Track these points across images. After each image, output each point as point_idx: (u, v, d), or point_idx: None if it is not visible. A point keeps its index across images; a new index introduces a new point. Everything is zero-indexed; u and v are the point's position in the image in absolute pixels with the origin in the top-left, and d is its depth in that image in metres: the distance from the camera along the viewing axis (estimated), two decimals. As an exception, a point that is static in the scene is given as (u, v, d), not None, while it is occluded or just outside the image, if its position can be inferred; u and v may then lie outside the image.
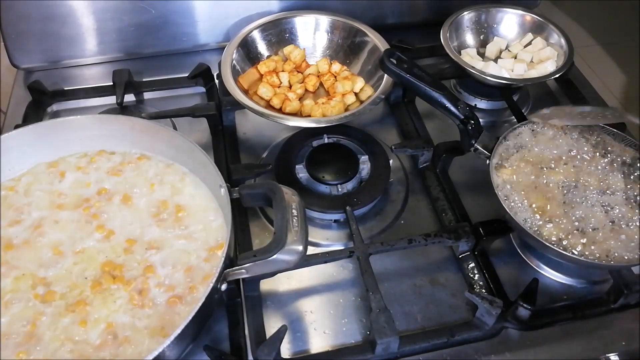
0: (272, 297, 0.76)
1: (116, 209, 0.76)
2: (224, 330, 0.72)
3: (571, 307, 0.76)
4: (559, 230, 0.73)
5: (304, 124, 0.88)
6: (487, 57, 1.05)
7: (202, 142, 0.95)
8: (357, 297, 0.76)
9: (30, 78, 1.04)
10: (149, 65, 1.08)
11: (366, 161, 0.88)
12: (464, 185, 0.89)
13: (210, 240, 0.72)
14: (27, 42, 1.03)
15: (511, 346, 0.72)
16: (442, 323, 0.74)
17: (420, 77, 0.83)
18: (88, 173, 0.80)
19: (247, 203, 0.73)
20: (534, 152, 0.82)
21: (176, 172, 0.80)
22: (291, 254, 0.63)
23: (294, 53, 1.02)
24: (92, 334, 0.64)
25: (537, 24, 1.05)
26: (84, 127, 0.80)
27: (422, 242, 0.78)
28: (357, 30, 1.02)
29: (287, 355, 0.71)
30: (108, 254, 0.71)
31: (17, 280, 0.68)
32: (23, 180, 0.79)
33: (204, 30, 1.09)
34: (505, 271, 0.79)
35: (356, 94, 0.96)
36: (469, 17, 1.06)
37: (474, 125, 0.82)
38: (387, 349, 0.69)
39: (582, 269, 0.78)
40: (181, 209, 0.76)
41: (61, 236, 0.73)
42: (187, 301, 0.67)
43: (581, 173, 0.79)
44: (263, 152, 0.95)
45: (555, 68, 0.98)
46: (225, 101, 0.95)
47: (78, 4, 1.00)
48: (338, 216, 0.84)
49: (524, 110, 1.00)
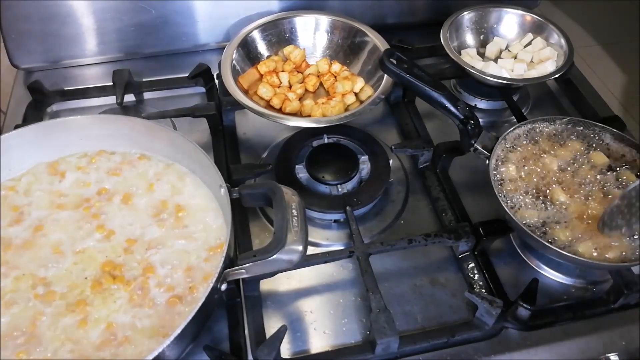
0: (272, 297, 0.76)
1: (116, 209, 0.76)
2: (224, 330, 0.72)
3: (571, 307, 0.76)
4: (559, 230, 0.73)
5: (304, 124, 0.88)
6: (487, 57, 1.05)
7: (202, 142, 0.95)
8: (357, 297, 0.76)
9: (30, 78, 1.04)
10: (149, 65, 1.08)
11: (366, 161, 0.88)
12: (464, 185, 0.89)
13: (210, 240, 0.72)
14: (27, 42, 1.03)
15: (511, 346, 0.72)
16: (442, 323, 0.74)
17: (420, 77, 0.83)
18: (88, 173, 0.80)
19: (247, 203, 0.73)
20: (533, 152, 0.82)
21: (176, 172, 0.80)
22: (291, 254, 0.63)
23: (294, 53, 1.02)
24: (92, 334, 0.64)
25: (537, 24, 1.05)
26: (84, 127, 0.80)
27: (422, 242, 0.78)
28: (357, 30, 1.02)
29: (287, 355, 0.71)
30: (108, 254, 0.71)
31: (17, 280, 0.68)
32: (23, 180, 0.79)
33: (204, 30, 1.09)
34: (505, 271, 0.79)
35: (356, 94, 0.96)
36: (469, 17, 1.06)
37: (473, 125, 0.82)
38: (387, 349, 0.69)
39: (582, 269, 0.78)
40: (181, 209, 0.76)
41: (61, 236, 0.73)
42: (187, 301, 0.67)
43: (581, 173, 0.80)
44: (263, 152, 0.95)
45: (555, 68, 0.98)
46: (225, 101, 0.95)
47: (78, 4, 1.00)
48: (338, 216, 0.84)
49: (524, 110, 1.00)
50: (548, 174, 0.79)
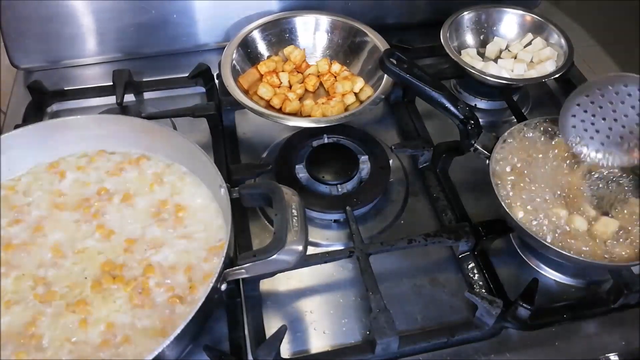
0: (272, 297, 0.76)
1: (116, 209, 0.76)
2: (223, 330, 0.72)
3: (571, 307, 0.75)
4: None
5: (304, 124, 0.88)
6: (487, 57, 1.05)
7: (202, 142, 0.95)
8: (357, 297, 0.76)
9: (30, 78, 1.04)
10: (149, 65, 1.08)
11: (366, 161, 0.88)
12: (464, 185, 0.89)
13: (210, 240, 0.72)
14: (27, 42, 1.03)
15: (511, 346, 0.72)
16: (442, 323, 0.74)
17: (420, 77, 0.83)
18: (88, 173, 0.80)
19: (247, 203, 0.73)
20: (533, 152, 0.82)
21: (176, 172, 0.80)
22: (291, 254, 0.63)
23: (294, 53, 1.02)
24: (92, 334, 0.64)
25: (537, 24, 1.05)
26: (84, 127, 0.80)
27: (422, 242, 0.78)
28: (357, 30, 1.02)
29: (287, 355, 0.71)
30: (108, 254, 0.71)
31: (17, 280, 0.68)
32: (23, 180, 0.79)
33: (204, 30, 1.09)
34: (505, 271, 0.79)
35: (356, 94, 0.96)
36: (469, 17, 1.06)
37: (473, 125, 0.82)
38: (387, 349, 0.69)
39: (582, 269, 0.78)
40: (181, 208, 0.76)
41: (61, 236, 0.73)
42: (187, 301, 0.67)
43: (581, 173, 0.79)
44: (263, 152, 0.95)
45: (555, 68, 0.98)
46: (225, 101, 0.95)
47: (78, 4, 1.00)
48: (338, 216, 0.84)
49: (524, 110, 1.00)
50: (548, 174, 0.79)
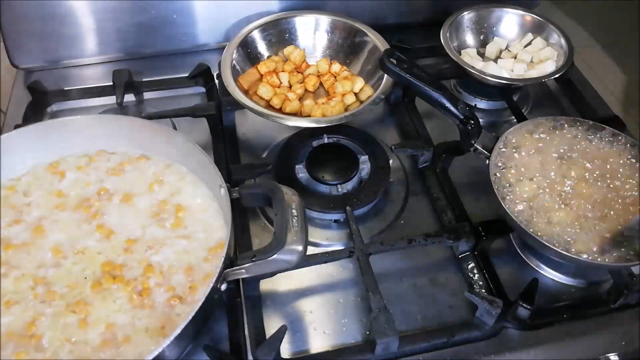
0: (272, 297, 0.76)
1: (116, 209, 0.76)
2: (223, 330, 0.71)
3: (571, 307, 0.76)
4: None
5: (304, 124, 0.88)
6: (487, 57, 1.05)
7: (202, 142, 0.94)
8: (357, 297, 0.76)
9: (30, 78, 1.04)
10: (149, 65, 1.08)
11: (366, 161, 0.88)
12: (464, 185, 0.89)
13: (210, 240, 0.72)
14: (27, 42, 1.03)
15: (511, 346, 0.72)
16: (442, 323, 0.74)
17: (420, 77, 0.83)
18: (88, 173, 0.80)
19: (247, 203, 0.73)
20: (533, 152, 0.82)
21: (176, 172, 0.80)
22: (291, 254, 0.63)
23: (294, 54, 1.02)
24: (92, 334, 0.64)
25: (537, 24, 1.05)
26: (84, 127, 0.80)
27: (422, 242, 0.78)
28: (357, 30, 1.02)
29: (287, 355, 0.71)
30: (108, 254, 0.71)
31: (17, 280, 0.68)
32: (23, 180, 0.79)
33: (204, 30, 1.09)
34: (505, 271, 0.79)
35: (356, 94, 0.96)
36: (469, 17, 1.06)
37: (473, 125, 0.82)
38: (387, 349, 0.69)
39: (582, 269, 0.78)
40: (181, 209, 0.76)
41: (61, 236, 0.73)
42: (187, 301, 0.67)
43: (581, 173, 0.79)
44: (263, 152, 0.95)
45: (555, 68, 0.98)
46: (225, 101, 0.95)
47: (78, 4, 1.00)
48: (338, 216, 0.84)
49: (524, 110, 1.00)
50: (548, 174, 0.79)
